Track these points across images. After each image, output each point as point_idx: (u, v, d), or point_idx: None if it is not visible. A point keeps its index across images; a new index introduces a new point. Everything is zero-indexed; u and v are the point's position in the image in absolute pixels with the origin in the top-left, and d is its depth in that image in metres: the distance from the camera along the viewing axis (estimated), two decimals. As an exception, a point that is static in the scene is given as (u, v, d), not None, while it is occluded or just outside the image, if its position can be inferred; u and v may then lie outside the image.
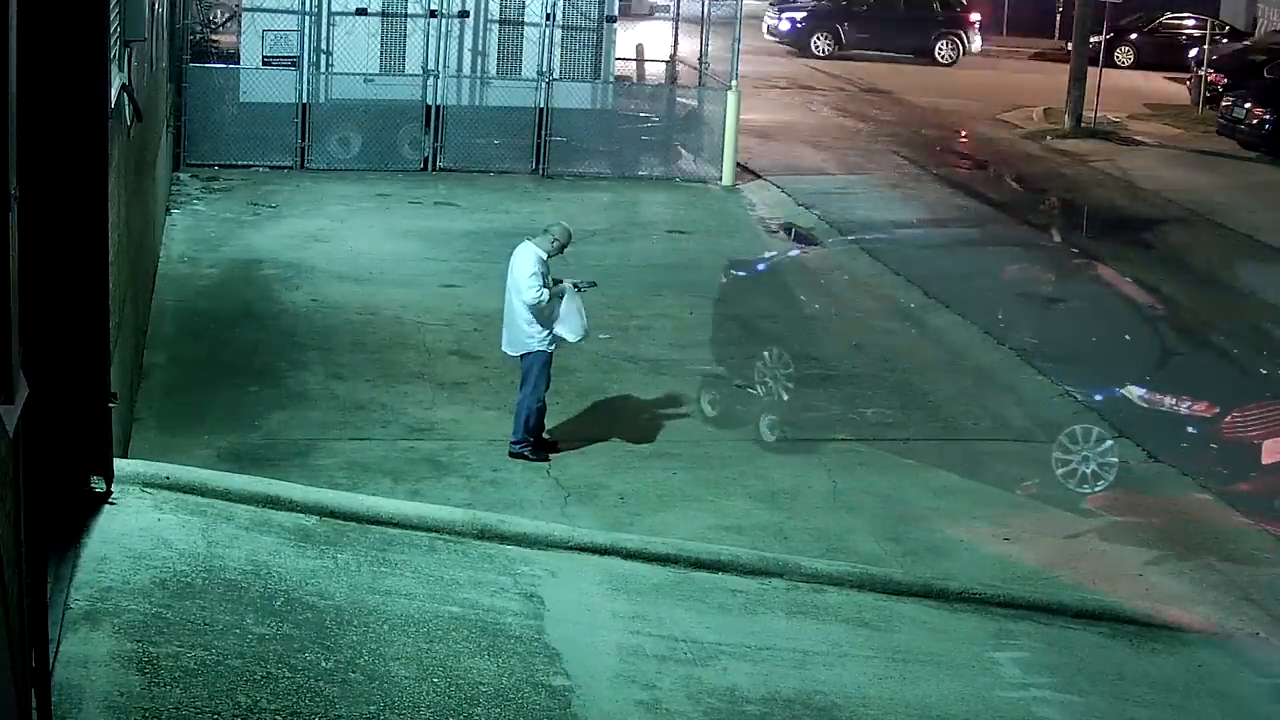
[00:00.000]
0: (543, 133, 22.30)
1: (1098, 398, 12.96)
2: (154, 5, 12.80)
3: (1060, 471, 11.87)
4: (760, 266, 16.31)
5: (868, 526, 10.86)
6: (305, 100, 21.52)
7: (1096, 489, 11.70)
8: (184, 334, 14.20)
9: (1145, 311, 14.26)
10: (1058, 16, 43.42)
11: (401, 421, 12.25)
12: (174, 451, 10.64)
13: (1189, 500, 11.75)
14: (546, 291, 11.43)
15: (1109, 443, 11.99)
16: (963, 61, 39.32)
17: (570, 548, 8.46)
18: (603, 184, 22.24)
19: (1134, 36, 39.67)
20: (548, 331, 11.55)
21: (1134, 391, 12.34)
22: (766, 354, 13.43)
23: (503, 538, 8.34)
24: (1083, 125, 29.22)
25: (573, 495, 11.00)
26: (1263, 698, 8.37)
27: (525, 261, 11.50)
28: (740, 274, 15.25)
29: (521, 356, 11.65)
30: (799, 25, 39.80)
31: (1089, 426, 12.26)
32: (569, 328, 11.61)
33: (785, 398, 12.88)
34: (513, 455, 11.57)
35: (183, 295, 15.36)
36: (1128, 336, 13.51)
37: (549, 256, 11.61)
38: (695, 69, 24.74)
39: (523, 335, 11.59)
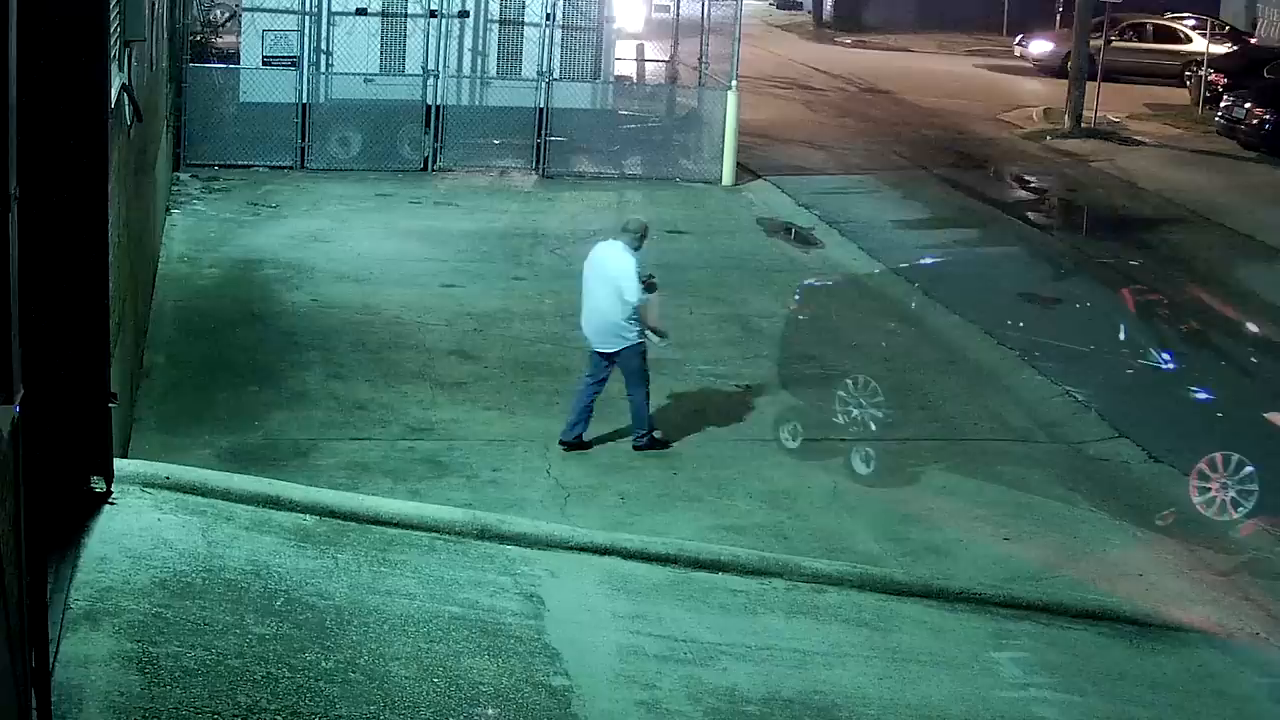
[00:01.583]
0: (543, 133, 22.30)
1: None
2: (154, 5, 12.80)
3: (1199, 500, 11.61)
4: (819, 283, 16.24)
5: (868, 526, 10.85)
6: (305, 100, 21.52)
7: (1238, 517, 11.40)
8: (184, 334, 14.20)
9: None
10: (1057, 17, 43.40)
11: (401, 421, 12.25)
12: (174, 451, 10.64)
13: (1189, 500, 11.74)
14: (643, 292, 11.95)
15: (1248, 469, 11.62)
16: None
17: (570, 548, 8.45)
18: (603, 184, 22.24)
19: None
20: (640, 326, 11.98)
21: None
22: (850, 382, 13.08)
23: (503, 538, 8.33)
24: (1083, 125, 29.22)
25: (573, 495, 11.00)
26: (1263, 698, 8.36)
27: (624, 264, 11.89)
28: (799, 297, 15.08)
29: (616, 354, 11.98)
30: None
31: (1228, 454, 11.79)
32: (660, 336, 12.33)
33: (874, 428, 12.63)
34: (639, 449, 11.98)
35: (183, 295, 15.36)
36: (1127, 337, 13.50)
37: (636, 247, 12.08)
38: (695, 69, 24.74)
39: (621, 332, 11.96)
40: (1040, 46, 39.51)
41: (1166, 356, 12.91)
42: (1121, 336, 13.30)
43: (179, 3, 20.28)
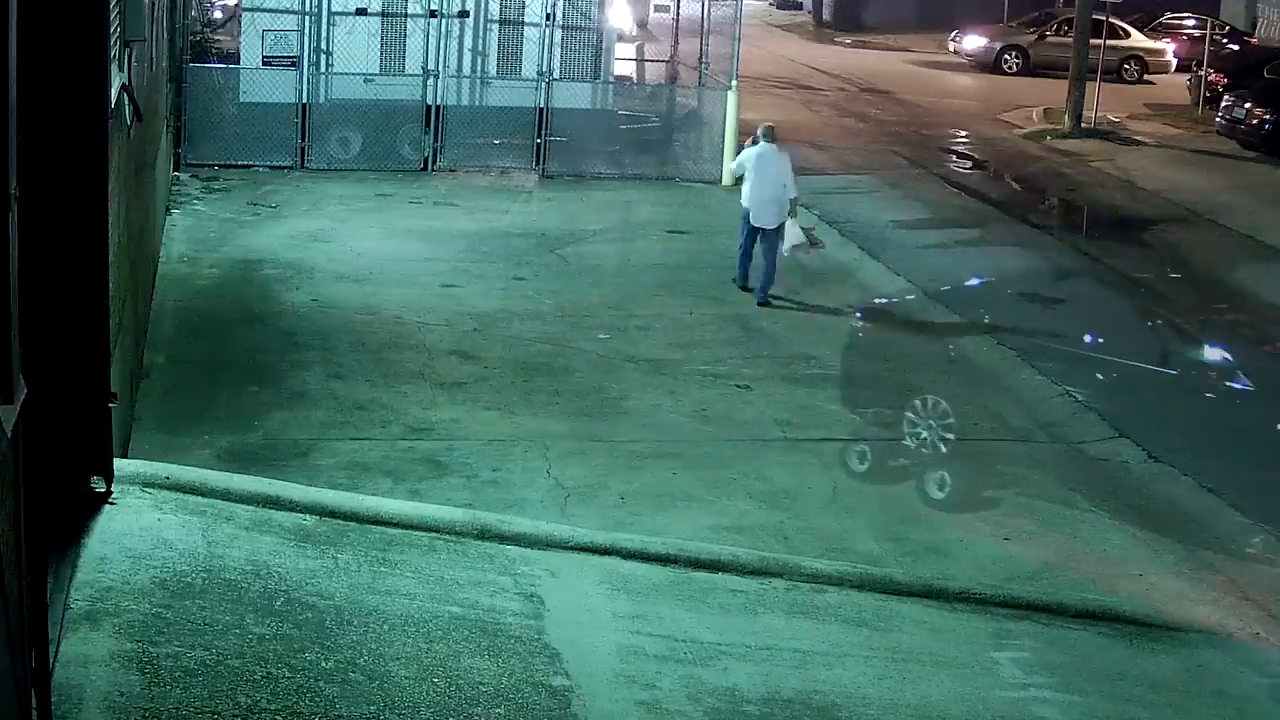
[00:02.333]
0: (543, 133, 22.30)
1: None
2: (154, 5, 12.80)
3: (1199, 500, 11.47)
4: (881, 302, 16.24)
5: (868, 526, 10.85)
6: (305, 100, 21.53)
7: None
8: (184, 334, 14.20)
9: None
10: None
11: (401, 421, 12.25)
12: (174, 451, 10.63)
13: (1189, 500, 11.74)
14: None
15: None
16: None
17: (570, 548, 8.45)
18: (603, 184, 22.24)
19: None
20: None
21: None
22: (919, 403, 13.06)
23: (503, 538, 8.33)
24: (1083, 125, 29.24)
25: (573, 495, 10.99)
26: (1263, 698, 8.36)
27: (787, 164, 16.73)
28: (863, 318, 15.04)
29: (776, 227, 16.36)
30: None
31: None
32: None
33: (943, 451, 12.52)
34: (762, 304, 16.13)
35: (183, 295, 15.36)
36: (1127, 335, 13.50)
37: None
38: (695, 69, 24.74)
39: (782, 209, 16.44)
40: (973, 42, 39.98)
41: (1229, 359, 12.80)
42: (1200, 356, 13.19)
43: (179, 3, 20.28)
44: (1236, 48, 36.45)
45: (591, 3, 22.86)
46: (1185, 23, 40.03)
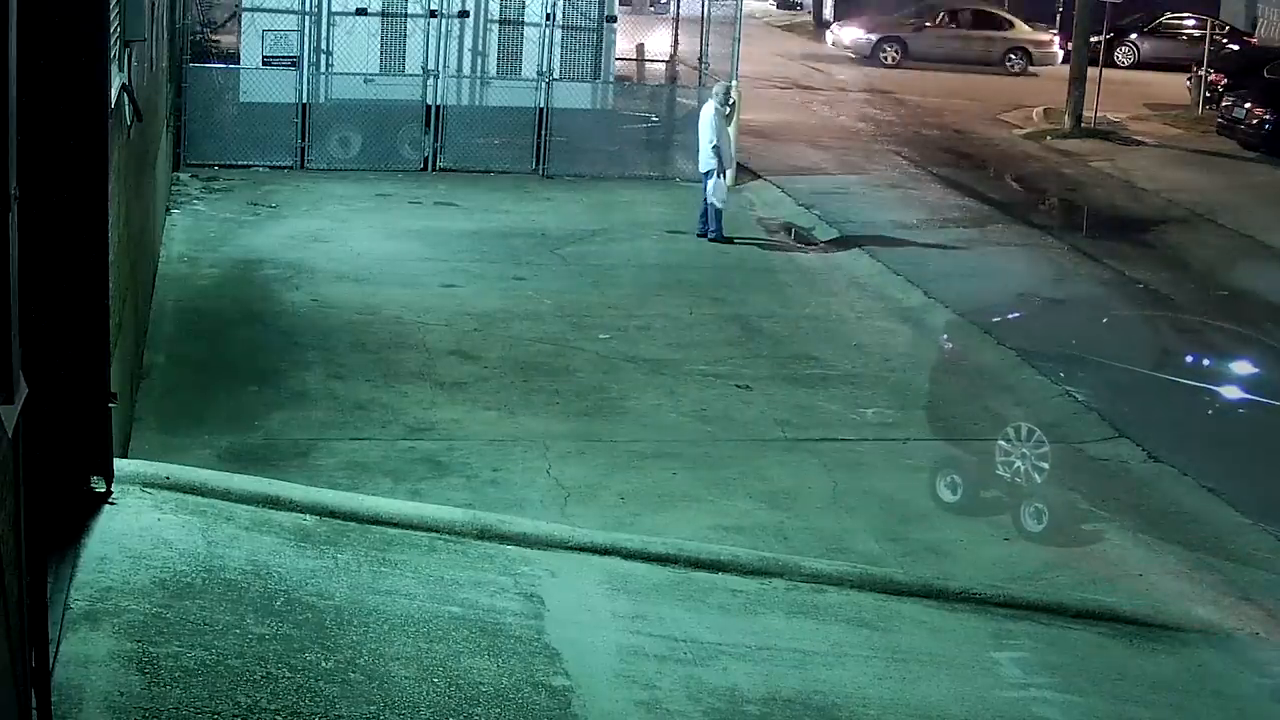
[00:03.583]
0: (543, 133, 22.30)
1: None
2: (154, 5, 12.80)
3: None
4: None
5: (868, 526, 10.85)
6: (305, 100, 21.52)
7: None
8: (184, 334, 14.20)
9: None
10: (1057, 16, 43.41)
11: (401, 421, 12.25)
12: (174, 451, 10.63)
13: (1189, 500, 11.74)
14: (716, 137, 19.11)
15: None
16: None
17: (570, 548, 8.44)
18: (603, 184, 22.24)
19: (1134, 36, 39.76)
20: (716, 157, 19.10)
21: None
22: (1012, 431, 12.60)
23: (503, 538, 8.33)
24: (1083, 125, 29.24)
25: (573, 495, 10.99)
26: (1263, 698, 8.36)
27: (707, 116, 19.32)
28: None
29: (707, 172, 19.09)
30: None
31: None
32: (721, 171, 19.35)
33: (1039, 480, 12.09)
34: (712, 239, 19.00)
35: (183, 295, 15.36)
36: (1128, 336, 13.51)
37: (725, 108, 19.63)
38: (695, 69, 24.73)
39: (707, 156, 19.10)
40: (850, 34, 39.91)
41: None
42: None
43: (179, 3, 20.28)
44: (1236, 48, 36.43)
45: (592, 3, 22.86)
46: (1185, 23, 40.01)
